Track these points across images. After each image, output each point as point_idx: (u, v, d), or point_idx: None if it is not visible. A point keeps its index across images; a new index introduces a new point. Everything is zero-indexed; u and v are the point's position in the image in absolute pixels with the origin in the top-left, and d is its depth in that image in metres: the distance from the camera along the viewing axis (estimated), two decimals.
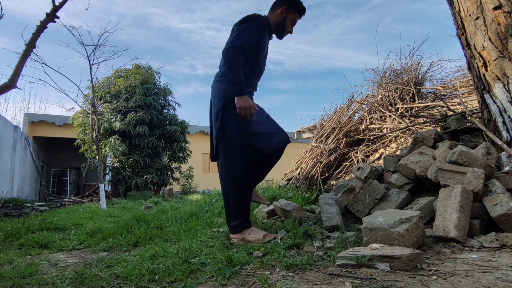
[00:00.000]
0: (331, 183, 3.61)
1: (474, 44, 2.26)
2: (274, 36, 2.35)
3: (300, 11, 2.31)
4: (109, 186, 10.61)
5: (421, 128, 3.29)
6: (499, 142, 2.08)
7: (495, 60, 2.12)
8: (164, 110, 11.66)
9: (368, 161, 3.48)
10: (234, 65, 1.97)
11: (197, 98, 55.87)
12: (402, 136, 3.47)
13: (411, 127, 3.39)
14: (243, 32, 2.06)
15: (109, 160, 10.29)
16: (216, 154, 2.16)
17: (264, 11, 2.63)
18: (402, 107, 3.91)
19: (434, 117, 3.48)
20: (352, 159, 3.68)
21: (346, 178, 3.49)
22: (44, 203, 8.03)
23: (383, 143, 3.61)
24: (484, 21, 2.16)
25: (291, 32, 2.33)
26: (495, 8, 2.10)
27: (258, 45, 2.17)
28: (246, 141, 2.05)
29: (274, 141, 2.22)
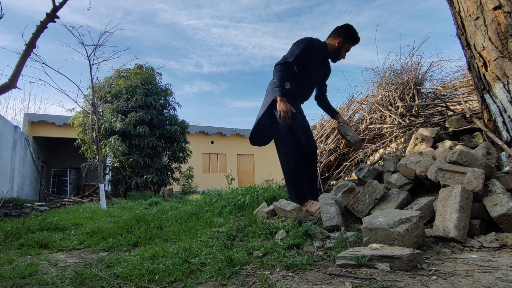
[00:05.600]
0: (331, 183, 3.61)
1: (474, 44, 2.26)
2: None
3: (356, 42, 2.67)
4: (109, 186, 10.61)
5: (421, 128, 3.28)
6: (499, 142, 2.08)
7: (495, 60, 2.12)
8: (165, 110, 11.67)
9: (369, 161, 3.48)
10: (279, 76, 2.45)
11: (202, 97, 55.40)
12: (402, 136, 3.46)
13: (411, 127, 3.38)
14: (293, 52, 2.52)
15: (109, 160, 10.29)
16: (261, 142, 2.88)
17: (273, 9, 2.86)
18: (402, 107, 3.91)
19: (434, 117, 3.47)
20: (352, 159, 3.68)
21: (346, 178, 3.49)
22: (44, 203, 8.03)
23: (383, 143, 3.61)
24: (484, 21, 2.16)
25: (343, 58, 2.73)
26: (495, 8, 2.10)
27: (305, 66, 2.60)
28: (294, 135, 2.51)
29: (311, 144, 2.71)
